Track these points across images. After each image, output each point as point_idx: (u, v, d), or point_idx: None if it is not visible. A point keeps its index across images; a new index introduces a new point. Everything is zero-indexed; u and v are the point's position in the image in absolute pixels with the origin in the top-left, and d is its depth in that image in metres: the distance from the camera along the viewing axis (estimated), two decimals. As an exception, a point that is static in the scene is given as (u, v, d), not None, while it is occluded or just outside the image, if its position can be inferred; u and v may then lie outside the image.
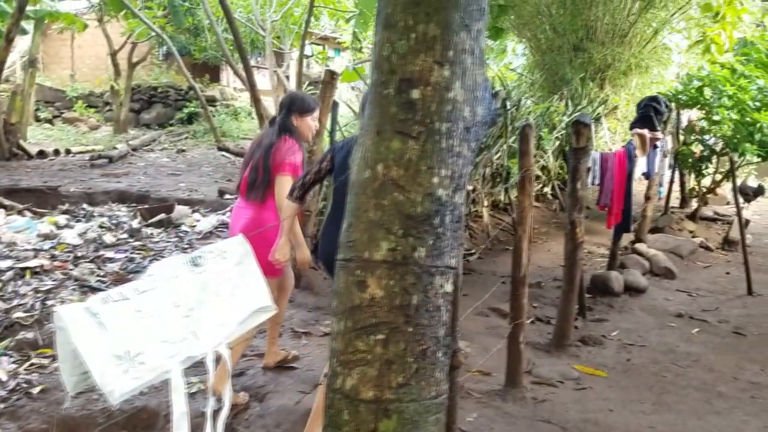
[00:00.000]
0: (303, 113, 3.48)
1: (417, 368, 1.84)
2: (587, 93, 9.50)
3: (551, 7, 9.94)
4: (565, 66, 9.93)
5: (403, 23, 1.74)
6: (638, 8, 8.97)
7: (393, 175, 1.78)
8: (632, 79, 10.22)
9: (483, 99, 1.88)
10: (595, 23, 9.58)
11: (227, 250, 1.90)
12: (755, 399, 3.66)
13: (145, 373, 1.56)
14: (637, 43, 9.72)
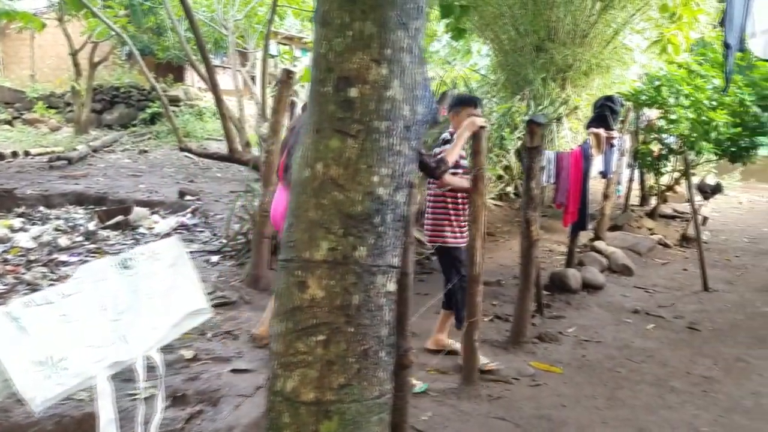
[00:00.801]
0: None
1: (359, 368, 1.84)
2: (549, 93, 9.60)
3: (513, 7, 10.01)
4: (527, 66, 10.01)
5: (340, 21, 1.73)
6: (598, 9, 9.08)
7: (332, 174, 1.77)
8: (593, 79, 10.35)
9: (423, 98, 1.87)
10: (556, 24, 9.67)
11: (160, 251, 1.86)
12: (707, 393, 3.73)
13: (68, 379, 1.52)
14: (598, 44, 9.84)
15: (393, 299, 1.93)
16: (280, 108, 4.73)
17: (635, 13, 9.41)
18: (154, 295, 1.80)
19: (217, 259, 5.85)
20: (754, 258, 7.52)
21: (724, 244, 8.25)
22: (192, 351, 4.01)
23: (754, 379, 3.96)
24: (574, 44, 9.78)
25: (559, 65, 9.92)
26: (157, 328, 1.82)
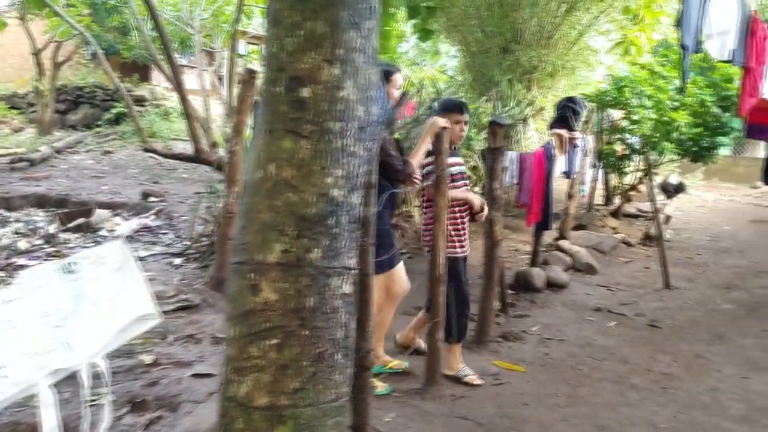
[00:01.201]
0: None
1: (314, 372, 1.82)
2: (515, 94, 9.68)
3: (480, 9, 10.07)
4: (494, 68, 10.08)
5: (291, 20, 1.71)
6: (563, 11, 9.19)
7: (285, 175, 1.75)
8: (559, 80, 10.47)
9: (378, 98, 1.86)
10: (522, 26, 9.76)
11: (106, 255, 1.82)
12: (666, 390, 3.79)
13: (8, 388, 1.47)
14: (563, 46, 9.96)
15: (349, 301, 1.92)
16: (243, 108, 4.68)
17: (599, 15, 9.55)
18: (99, 300, 1.76)
19: (181, 262, 5.76)
20: (716, 256, 7.69)
21: (686, 242, 8.42)
22: (152, 356, 3.94)
23: (713, 375, 4.04)
24: (540, 46, 9.89)
25: (525, 67, 10.02)
26: (103, 333, 1.78)
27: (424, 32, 9.17)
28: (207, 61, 16.09)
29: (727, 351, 4.48)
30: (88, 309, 1.74)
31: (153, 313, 1.96)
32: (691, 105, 7.40)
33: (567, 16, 9.39)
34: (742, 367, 4.17)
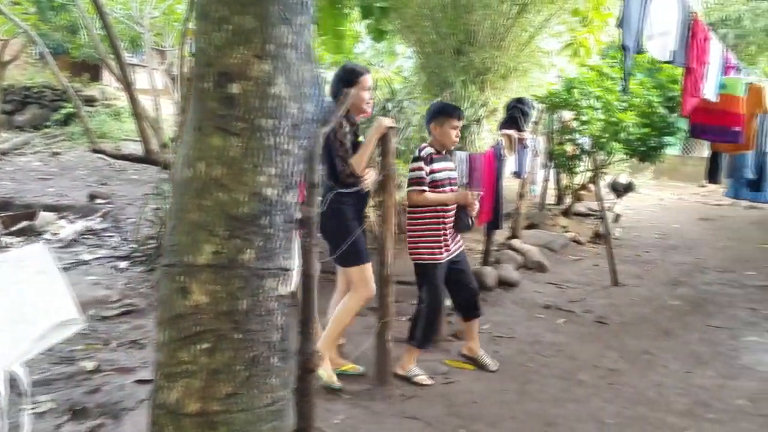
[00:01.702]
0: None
1: (247, 376, 1.77)
2: (469, 95, 9.74)
3: (434, 10, 10.10)
4: (448, 69, 10.12)
5: (218, 14, 1.66)
6: (514, 13, 9.28)
7: (215, 173, 1.70)
8: (512, 82, 10.57)
9: (313, 96, 1.83)
10: (475, 28, 9.82)
11: (25, 258, 1.74)
12: (612, 385, 3.85)
13: None
14: (515, 48, 10.05)
15: (285, 303, 1.88)
16: (189, 107, 4.58)
17: (550, 17, 9.69)
18: (17, 306, 1.67)
19: (126, 265, 5.61)
20: (663, 253, 7.87)
21: (635, 240, 8.60)
22: (94, 362, 3.83)
23: (658, 370, 4.12)
24: (493, 48, 9.96)
25: (478, 68, 10.08)
26: (21, 339, 1.70)
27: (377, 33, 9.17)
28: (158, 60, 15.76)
29: (672, 346, 4.58)
30: (5, 314, 1.65)
31: (76, 318, 1.88)
32: (639, 106, 7.55)
33: (518, 18, 9.49)
34: (687, 362, 4.27)
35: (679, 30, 4.38)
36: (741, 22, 15.94)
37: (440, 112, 3.80)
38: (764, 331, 5.00)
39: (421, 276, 3.84)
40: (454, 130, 3.77)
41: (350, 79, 3.53)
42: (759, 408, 3.59)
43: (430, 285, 3.78)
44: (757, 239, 8.97)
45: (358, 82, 3.52)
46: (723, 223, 10.28)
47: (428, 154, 3.74)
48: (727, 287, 6.34)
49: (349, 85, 3.49)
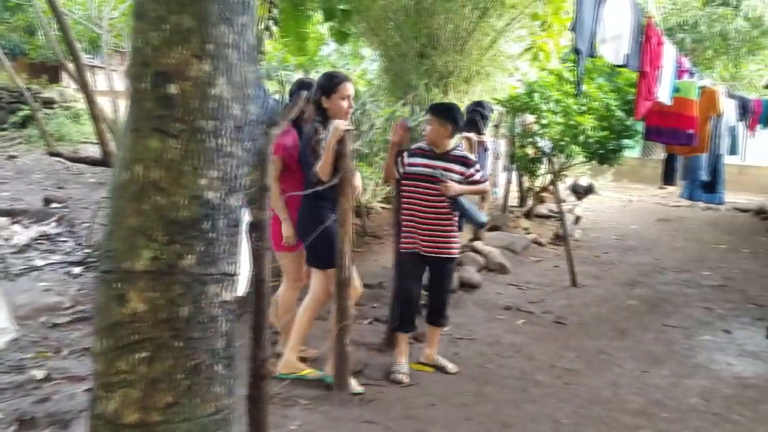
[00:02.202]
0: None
1: (189, 385, 1.72)
2: (432, 98, 9.77)
3: (397, 13, 10.12)
4: (411, 72, 10.14)
5: (156, 13, 1.61)
6: (475, 17, 9.35)
7: (153, 176, 1.65)
8: (475, 85, 10.64)
9: (257, 97, 1.79)
10: (438, 31, 9.87)
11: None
12: (568, 385, 3.89)
13: None
14: (477, 51, 10.12)
15: (230, 309, 1.83)
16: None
17: (511, 21, 9.78)
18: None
19: (80, 271, 5.47)
20: (621, 254, 8.00)
21: (594, 241, 8.73)
22: (44, 370, 3.71)
23: (614, 370, 4.18)
24: (455, 51, 10.02)
25: (441, 71, 10.13)
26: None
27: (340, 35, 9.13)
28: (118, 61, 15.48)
29: (628, 346, 4.65)
30: None
31: (8, 328, 1.81)
32: (597, 109, 7.67)
33: (480, 23, 9.56)
34: (642, 362, 4.34)
35: (633, 34, 4.45)
36: (697, 27, 16.34)
37: (427, 111, 4.01)
38: (718, 330, 5.11)
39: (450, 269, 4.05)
40: (430, 125, 3.83)
41: (330, 86, 3.55)
42: (711, 406, 3.66)
43: (397, 271, 4.02)
44: (714, 240, 9.20)
45: (336, 90, 3.54)
46: (681, 224, 10.51)
47: (414, 148, 3.94)
48: (684, 287, 6.48)
49: (328, 93, 3.54)
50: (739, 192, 15.47)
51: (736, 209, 12.68)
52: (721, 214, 11.93)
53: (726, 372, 4.21)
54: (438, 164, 3.83)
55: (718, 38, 16.35)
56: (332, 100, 3.53)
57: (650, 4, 13.45)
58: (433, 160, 3.84)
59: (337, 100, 3.53)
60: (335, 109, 3.54)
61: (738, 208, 12.78)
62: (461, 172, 3.85)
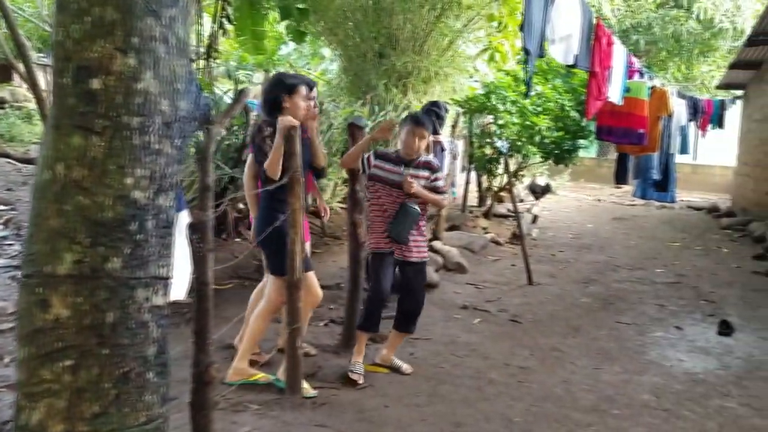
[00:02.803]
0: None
1: (117, 394, 1.65)
2: (392, 99, 9.76)
3: (355, 13, 10.08)
4: (371, 72, 10.12)
5: (77, 5, 1.54)
6: (433, 18, 9.37)
7: (76, 176, 1.57)
8: (434, 86, 10.67)
9: (188, 92, 1.73)
10: (396, 32, 9.86)
11: None
12: (522, 383, 3.90)
13: None
14: (435, 52, 10.15)
15: (162, 314, 1.76)
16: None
17: (468, 23, 9.84)
18: None
19: (25, 276, 5.27)
20: (577, 252, 8.11)
21: (551, 240, 8.83)
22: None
23: (567, 367, 4.20)
24: (414, 52, 10.03)
25: (400, 72, 10.12)
26: None
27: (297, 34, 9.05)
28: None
29: (581, 343, 4.69)
30: None
31: None
32: (552, 110, 7.77)
33: (437, 23, 9.59)
34: (595, 359, 4.38)
35: (582, 34, 4.50)
36: (651, 28, 16.72)
37: (405, 120, 3.89)
38: (670, 326, 5.20)
39: (368, 263, 4.02)
40: (414, 137, 3.78)
41: (290, 88, 3.55)
42: (662, 402, 3.71)
43: (371, 272, 3.94)
44: (668, 238, 9.40)
45: (295, 92, 3.55)
46: (635, 223, 10.71)
47: (385, 152, 3.92)
48: (637, 284, 6.59)
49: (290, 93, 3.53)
50: (693, 191, 15.91)
51: (690, 207, 13.02)
52: (676, 213, 12.22)
53: (677, 368, 4.28)
54: (409, 171, 3.81)
55: (671, 40, 16.77)
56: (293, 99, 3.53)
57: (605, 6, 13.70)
58: (402, 167, 3.82)
59: (296, 101, 3.53)
60: (292, 109, 3.53)
61: (692, 206, 13.12)
62: (426, 177, 3.87)
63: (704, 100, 10.25)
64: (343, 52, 10.98)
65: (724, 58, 17.08)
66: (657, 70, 17.12)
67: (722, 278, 6.96)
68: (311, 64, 15.10)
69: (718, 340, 4.87)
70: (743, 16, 15.07)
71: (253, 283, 5.86)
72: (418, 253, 3.92)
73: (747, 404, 3.71)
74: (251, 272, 6.19)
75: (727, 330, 4.99)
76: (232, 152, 6.25)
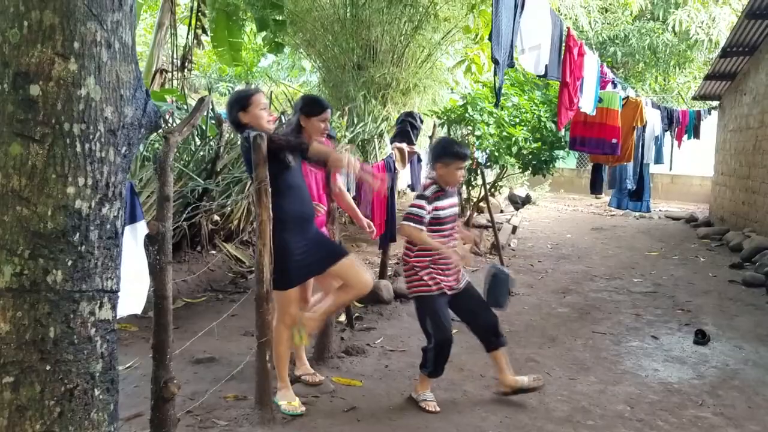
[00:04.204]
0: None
1: (61, 412, 1.58)
2: (371, 110, 9.77)
3: (333, 25, 10.11)
4: (349, 83, 10.14)
5: (14, 9, 1.49)
6: (410, 31, 9.42)
7: (14, 185, 1.52)
8: (412, 97, 10.71)
9: (134, 99, 1.68)
10: (375, 44, 9.90)
11: None
12: (496, 395, 3.85)
13: None
14: (414, 64, 10.19)
15: (109, 328, 1.70)
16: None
17: (445, 35, 9.90)
18: None
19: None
20: (555, 263, 8.11)
21: (530, 250, 8.83)
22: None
23: (542, 377, 4.16)
24: (392, 64, 10.08)
25: (379, 83, 10.16)
26: None
27: (274, 46, 9.06)
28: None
29: (557, 353, 4.66)
30: None
31: None
32: (529, 121, 7.80)
33: (415, 36, 9.63)
34: (570, 369, 4.34)
35: (553, 44, 4.51)
36: (628, 40, 16.94)
37: (446, 154, 3.65)
38: (647, 336, 5.19)
39: (419, 309, 3.76)
40: (459, 171, 3.67)
41: (243, 103, 3.46)
42: (636, 413, 3.68)
43: (431, 317, 3.67)
44: (645, 247, 9.44)
45: (251, 103, 3.47)
46: (614, 233, 10.76)
47: (434, 192, 3.64)
48: (614, 294, 6.59)
49: (244, 109, 3.44)
50: (671, 200, 16.05)
51: (668, 217, 13.11)
52: (654, 223, 12.30)
53: (652, 378, 4.26)
54: (453, 201, 3.75)
55: (648, 51, 16.99)
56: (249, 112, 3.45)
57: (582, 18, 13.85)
58: (450, 199, 3.71)
59: (254, 111, 3.46)
60: (254, 121, 3.46)
61: (670, 216, 13.22)
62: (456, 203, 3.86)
63: (679, 111, 10.36)
64: (322, 63, 11.01)
65: (700, 69, 17.35)
66: (635, 82, 17.33)
67: (699, 287, 6.99)
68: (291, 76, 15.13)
69: (693, 350, 4.86)
70: (718, 28, 15.30)
71: (227, 296, 5.81)
72: (460, 277, 3.82)
73: (721, 413, 3.69)
74: (226, 285, 6.12)
75: (702, 339, 4.99)
76: (205, 163, 6.18)
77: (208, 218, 6.20)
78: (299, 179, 3.56)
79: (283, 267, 3.39)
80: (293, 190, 3.48)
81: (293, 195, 3.47)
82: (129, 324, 4.59)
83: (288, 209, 3.44)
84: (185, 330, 4.53)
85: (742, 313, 5.95)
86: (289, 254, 3.41)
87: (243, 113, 3.45)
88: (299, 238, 3.46)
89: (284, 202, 3.41)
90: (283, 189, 3.41)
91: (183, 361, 3.97)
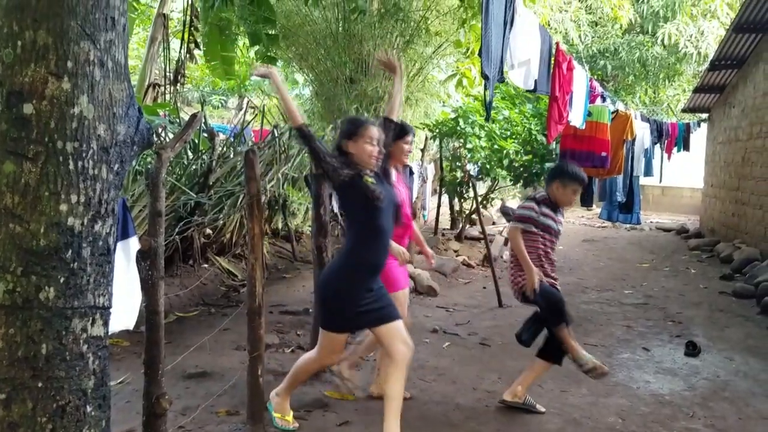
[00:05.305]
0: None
1: (53, 428, 1.59)
2: (363, 123, 9.80)
3: (325, 39, 10.17)
4: (342, 97, 10.18)
5: (8, 29, 1.51)
6: (401, 45, 9.48)
7: (7, 203, 1.53)
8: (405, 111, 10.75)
9: (127, 116, 1.70)
10: (366, 57, 9.95)
11: None
12: (488, 408, 3.87)
13: None
14: (406, 78, 10.24)
15: (101, 345, 1.71)
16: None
17: (437, 49, 9.97)
18: None
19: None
20: (547, 274, 8.13)
21: (521, 262, 8.84)
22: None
23: (534, 390, 4.16)
24: (384, 77, 10.13)
25: (371, 96, 10.20)
26: None
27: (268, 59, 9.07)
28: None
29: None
30: None
31: None
32: (520, 134, 7.86)
33: (406, 50, 9.70)
34: (562, 381, 4.36)
35: (542, 59, 4.57)
36: (618, 54, 17.10)
37: (566, 175, 3.83)
38: (638, 347, 5.21)
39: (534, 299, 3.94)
40: (576, 194, 3.87)
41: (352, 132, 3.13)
42: (628, 425, 3.70)
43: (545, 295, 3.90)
44: (636, 259, 9.49)
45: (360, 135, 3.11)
46: (605, 245, 10.81)
47: (543, 197, 3.85)
48: (605, 306, 6.61)
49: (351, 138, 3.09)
50: (662, 212, 16.15)
51: (658, 229, 13.19)
52: (645, 234, 12.37)
53: (644, 390, 4.28)
54: (560, 218, 3.95)
55: (637, 65, 17.16)
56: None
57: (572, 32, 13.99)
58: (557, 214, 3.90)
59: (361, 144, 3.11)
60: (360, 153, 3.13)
61: (661, 228, 13.30)
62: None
63: (669, 124, 10.45)
64: (315, 77, 11.06)
65: (690, 82, 17.52)
66: (624, 95, 17.48)
67: (690, 299, 7.03)
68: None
69: (684, 361, 4.88)
70: (707, 41, 15.48)
71: (219, 310, 5.80)
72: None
73: (711, 425, 3.71)
74: (218, 299, 6.11)
75: (693, 351, 5.02)
76: (198, 177, 6.19)
77: (200, 232, 6.19)
78: (388, 222, 3.15)
79: (343, 311, 3.14)
80: (378, 236, 3.12)
81: (377, 242, 3.12)
82: (120, 339, 4.57)
83: (366, 259, 3.12)
84: (177, 344, 4.52)
85: (732, 324, 5.99)
86: (354, 302, 3.10)
87: (350, 142, 3.11)
88: (367, 289, 3.13)
89: (363, 249, 3.11)
90: (366, 234, 3.11)
91: (175, 375, 3.96)
